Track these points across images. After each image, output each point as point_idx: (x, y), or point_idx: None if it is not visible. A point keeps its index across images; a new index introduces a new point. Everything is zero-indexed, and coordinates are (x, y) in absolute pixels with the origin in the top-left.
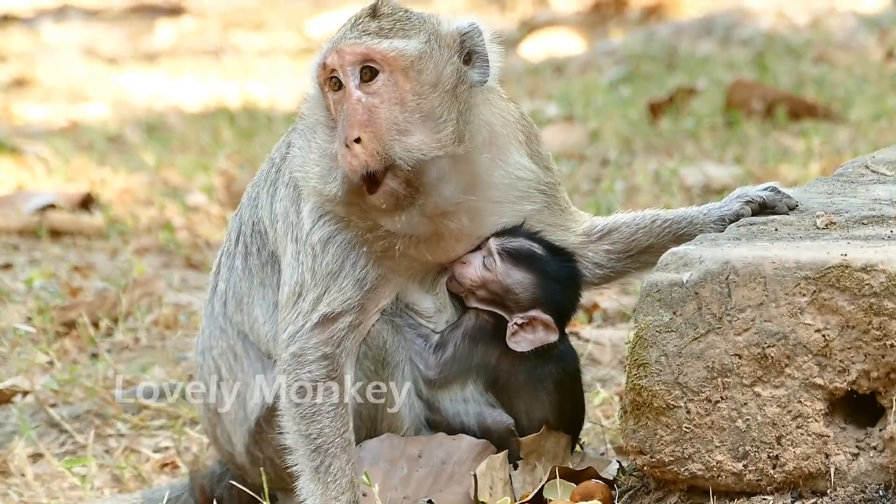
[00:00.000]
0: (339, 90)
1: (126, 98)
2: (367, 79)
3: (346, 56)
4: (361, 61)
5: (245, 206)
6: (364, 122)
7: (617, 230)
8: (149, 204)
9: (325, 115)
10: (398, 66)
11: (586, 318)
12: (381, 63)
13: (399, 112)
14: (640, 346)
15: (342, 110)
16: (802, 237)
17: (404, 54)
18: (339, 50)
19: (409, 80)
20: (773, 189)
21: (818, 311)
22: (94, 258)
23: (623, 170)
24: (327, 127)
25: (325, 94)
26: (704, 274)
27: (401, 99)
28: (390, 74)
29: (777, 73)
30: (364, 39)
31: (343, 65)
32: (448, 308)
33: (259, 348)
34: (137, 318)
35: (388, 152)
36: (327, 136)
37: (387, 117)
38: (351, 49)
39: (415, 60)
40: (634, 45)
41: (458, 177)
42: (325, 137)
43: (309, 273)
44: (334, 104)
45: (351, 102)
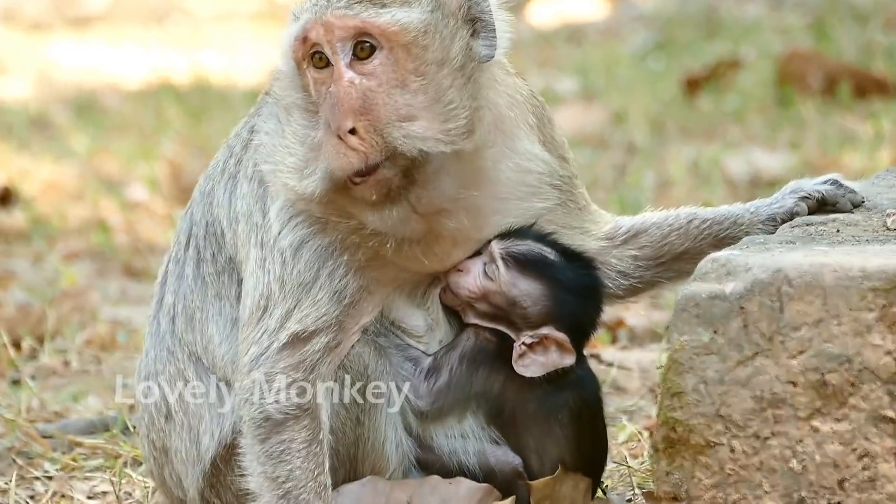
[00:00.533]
0: (325, 68)
1: (52, 72)
2: (363, 56)
3: (335, 30)
4: (355, 36)
5: (197, 203)
6: (359, 108)
7: (646, 232)
8: (79, 199)
9: (303, 96)
10: (399, 41)
11: (609, 337)
12: (380, 38)
13: (400, 96)
14: (674, 371)
15: (328, 93)
16: (869, 240)
17: (407, 27)
18: (326, 22)
19: (411, 57)
20: (834, 182)
21: (888, 330)
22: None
23: (653, 158)
24: (304, 110)
25: (302, 71)
26: (751, 285)
27: (402, 80)
28: (389, 52)
29: (839, 42)
30: (357, 9)
31: (331, 40)
32: (442, 325)
33: (215, 373)
34: (67, 337)
35: (388, 142)
36: (305, 121)
37: (386, 103)
38: (341, 21)
39: (419, 35)
40: (666, 6)
41: (458, 169)
42: (302, 122)
43: (277, 283)
44: (316, 83)
45: (342, 85)
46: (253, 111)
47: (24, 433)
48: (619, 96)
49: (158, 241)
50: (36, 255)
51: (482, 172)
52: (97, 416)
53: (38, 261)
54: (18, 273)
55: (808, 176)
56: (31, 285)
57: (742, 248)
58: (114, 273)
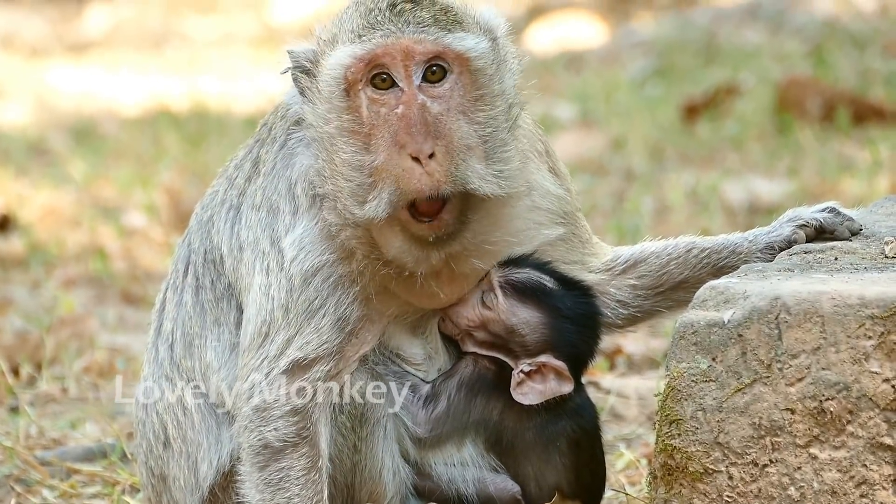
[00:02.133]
0: (388, 90)
1: (50, 97)
2: (434, 79)
3: (415, 54)
4: (430, 58)
5: (194, 232)
6: (436, 132)
7: (644, 262)
8: (77, 226)
9: (352, 118)
10: (470, 66)
11: (607, 364)
12: (453, 62)
13: (465, 124)
14: (672, 398)
15: (392, 114)
16: (868, 268)
17: (481, 53)
18: (405, 46)
19: (476, 85)
20: (832, 210)
21: (887, 357)
22: (11, 292)
23: (652, 185)
24: (353, 133)
25: (355, 93)
26: (750, 312)
27: (466, 107)
28: (458, 76)
29: (838, 69)
30: (433, 33)
31: (408, 63)
32: (441, 354)
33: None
34: (65, 364)
35: (461, 175)
36: (355, 145)
37: (456, 129)
38: (421, 45)
39: (487, 63)
40: (665, 33)
41: (494, 214)
42: (353, 147)
43: (280, 310)
44: (372, 104)
45: (415, 107)
46: (252, 142)
47: (22, 460)
48: (617, 123)
49: (156, 268)
50: (34, 281)
51: (507, 217)
52: (95, 443)
53: (36, 287)
54: (16, 300)
55: (806, 203)
56: (29, 312)
57: (740, 276)
58: (112, 300)
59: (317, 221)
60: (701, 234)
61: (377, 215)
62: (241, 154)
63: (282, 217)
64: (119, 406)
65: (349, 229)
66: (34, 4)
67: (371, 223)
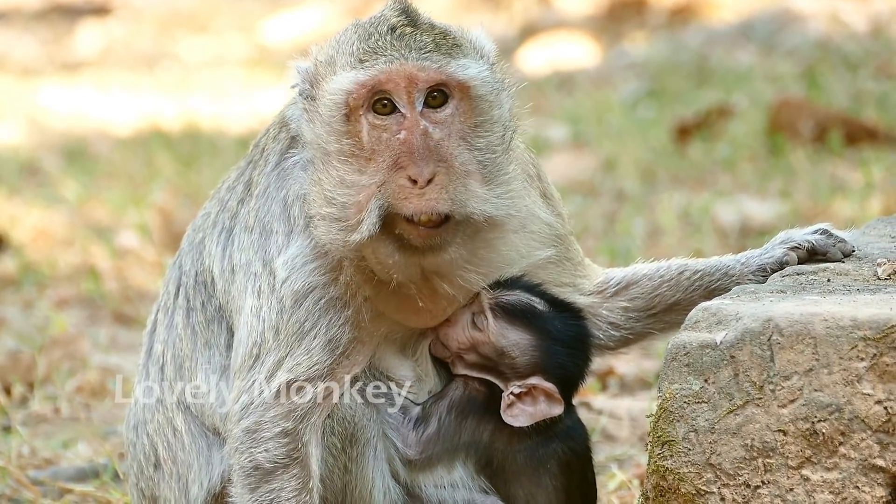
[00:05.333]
0: (390, 115)
1: (42, 117)
2: (435, 105)
3: (418, 81)
4: (432, 84)
5: (185, 253)
6: (436, 156)
7: (636, 284)
8: (70, 246)
9: (352, 142)
10: (471, 93)
11: (599, 385)
12: (454, 89)
13: (466, 150)
14: (664, 419)
15: (394, 139)
16: (860, 290)
17: (483, 81)
18: (409, 73)
19: (476, 112)
20: (824, 232)
21: (879, 379)
22: (4, 312)
23: (643, 206)
24: (352, 156)
25: (356, 118)
26: (742, 334)
27: (466, 133)
28: (460, 101)
29: (830, 91)
30: (436, 60)
31: (410, 89)
32: (431, 376)
33: (203, 422)
34: (57, 384)
35: (460, 198)
36: (351, 166)
37: (457, 154)
38: (425, 73)
39: (487, 90)
40: (657, 54)
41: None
42: (349, 169)
43: (271, 332)
44: (373, 129)
45: (418, 132)
46: (244, 164)
47: (14, 480)
48: (609, 144)
49: (149, 289)
50: (26, 301)
51: (497, 238)
52: (87, 463)
53: (29, 307)
54: (8, 320)
55: (798, 224)
56: (21, 332)
57: (733, 298)
58: (104, 320)
59: (310, 241)
60: (693, 256)
61: (369, 233)
62: (234, 176)
63: (275, 238)
64: (111, 427)
65: (347, 248)
66: (26, 24)
67: (362, 241)
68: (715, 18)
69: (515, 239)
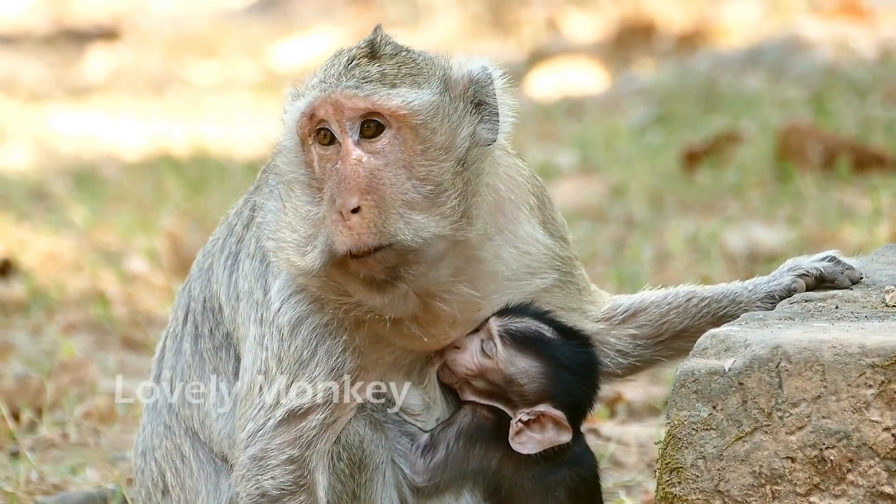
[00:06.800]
0: (330, 145)
1: (51, 142)
2: (369, 135)
3: (344, 109)
4: (364, 115)
5: (195, 279)
6: (365, 187)
7: (644, 311)
8: (78, 271)
9: (306, 172)
10: (408, 122)
11: (607, 411)
12: (389, 118)
13: (405, 178)
14: (672, 446)
15: (333, 169)
16: (868, 317)
17: (417, 110)
18: (335, 101)
19: (419, 139)
20: (832, 259)
21: (887, 406)
22: (12, 336)
23: (652, 232)
24: (307, 186)
25: (307, 147)
26: (750, 360)
27: (408, 162)
28: (398, 131)
29: (839, 116)
30: (367, 89)
31: (340, 119)
32: (439, 404)
33: (211, 449)
34: (66, 409)
35: (390, 229)
36: (307, 196)
37: (392, 183)
38: (351, 102)
39: (428, 118)
40: (666, 80)
41: (457, 257)
42: (305, 198)
43: (274, 360)
44: (320, 160)
45: (349, 162)
46: (253, 188)
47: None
48: (618, 170)
49: (157, 314)
50: (35, 326)
51: (481, 261)
52: (95, 488)
53: (37, 332)
54: (17, 345)
55: (806, 251)
56: (29, 357)
57: (741, 325)
58: (112, 345)
59: None
60: (701, 282)
61: (313, 266)
62: (241, 201)
63: (272, 267)
64: (119, 452)
65: (307, 279)
66: (35, 48)
67: (313, 271)
68: (723, 44)
69: (499, 250)
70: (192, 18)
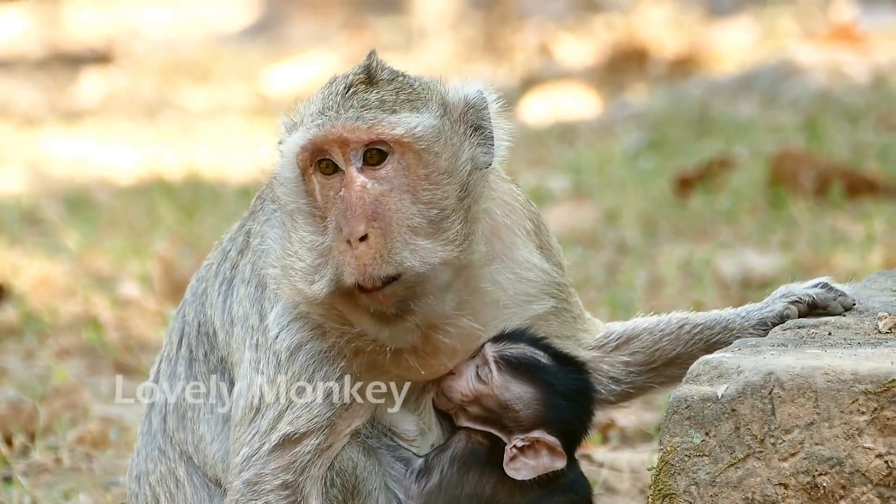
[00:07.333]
0: (334, 174)
1: (44, 166)
2: (373, 162)
3: (349, 142)
4: (366, 144)
5: (189, 304)
6: (371, 214)
7: (637, 338)
8: (71, 296)
9: (308, 201)
10: (412, 148)
11: (600, 437)
12: (392, 145)
13: (410, 203)
14: (665, 472)
15: (337, 197)
16: (861, 343)
17: (420, 136)
18: (338, 135)
19: (422, 164)
20: (825, 286)
21: (880, 433)
22: (5, 361)
23: (645, 258)
24: (310, 216)
25: (308, 177)
26: (743, 387)
27: (412, 187)
28: (401, 156)
29: (831, 142)
30: (368, 118)
31: (345, 151)
32: (434, 430)
33: (205, 473)
34: (58, 434)
35: (397, 257)
36: (311, 226)
37: (398, 209)
38: (354, 134)
39: (431, 142)
40: (659, 105)
41: (459, 287)
42: (309, 228)
43: (270, 385)
44: (322, 189)
45: (354, 189)
46: (247, 214)
47: None
48: (611, 195)
49: (150, 339)
50: (27, 351)
51: (483, 291)
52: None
53: (30, 357)
54: (10, 369)
55: (799, 277)
56: (22, 382)
57: (734, 351)
58: (105, 370)
59: None
60: (694, 308)
61: (319, 294)
62: (235, 227)
63: (269, 293)
64: (112, 477)
65: (311, 307)
66: (28, 73)
67: (319, 300)
68: (716, 70)
69: (497, 276)
70: (185, 43)
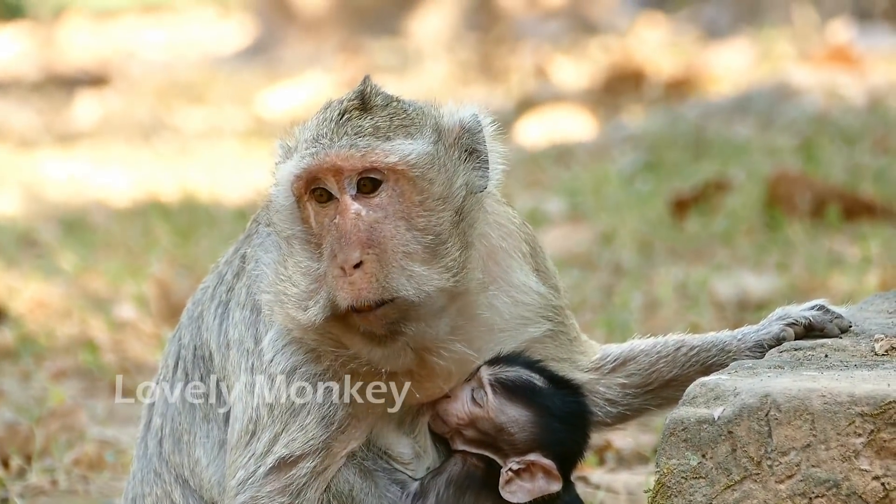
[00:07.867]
0: (328, 202)
1: (39, 188)
2: (368, 190)
3: (343, 171)
4: (360, 172)
5: (185, 327)
6: (366, 241)
7: (634, 360)
8: (67, 318)
9: (303, 228)
10: (406, 175)
11: (596, 459)
12: (386, 172)
13: (405, 230)
14: (662, 494)
15: (331, 224)
16: (858, 365)
17: (413, 163)
18: (332, 164)
19: (416, 190)
20: (821, 308)
21: (876, 455)
22: (2, 383)
23: (641, 280)
24: (306, 242)
25: (303, 204)
26: (740, 409)
27: (406, 213)
28: (395, 183)
29: (828, 164)
30: (360, 144)
31: (339, 179)
32: (430, 453)
33: (201, 496)
34: (55, 456)
35: (392, 283)
36: (306, 252)
37: (392, 235)
38: (348, 163)
39: (425, 169)
40: (655, 127)
41: (455, 311)
42: (304, 254)
43: (265, 408)
44: (317, 216)
45: (348, 217)
46: (242, 238)
47: None
48: (607, 217)
49: (147, 361)
50: (23, 373)
51: (478, 317)
52: None
53: (26, 379)
54: (6, 391)
55: (795, 299)
56: (19, 404)
57: (730, 373)
58: (102, 392)
59: None
60: (690, 330)
61: (313, 321)
62: (231, 250)
63: (264, 317)
64: (108, 499)
65: (305, 333)
66: (24, 95)
67: (313, 326)
68: (712, 92)
69: (493, 300)
70: (180, 65)
